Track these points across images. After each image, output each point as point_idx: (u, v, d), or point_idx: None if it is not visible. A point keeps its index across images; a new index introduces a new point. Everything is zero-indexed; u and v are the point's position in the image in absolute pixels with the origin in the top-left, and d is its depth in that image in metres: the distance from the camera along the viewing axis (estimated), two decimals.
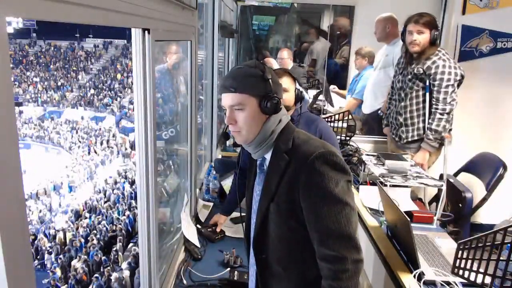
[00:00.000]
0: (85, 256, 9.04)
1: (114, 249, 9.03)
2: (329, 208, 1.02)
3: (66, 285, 8.35)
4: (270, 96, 1.09)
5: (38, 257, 9.75)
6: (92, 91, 25.36)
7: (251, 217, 1.23)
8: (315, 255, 1.06)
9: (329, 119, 2.93)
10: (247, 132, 1.11)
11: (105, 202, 12.47)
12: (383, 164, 2.24)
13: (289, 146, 1.10)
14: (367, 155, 2.49)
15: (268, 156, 1.15)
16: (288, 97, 1.89)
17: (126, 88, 24.67)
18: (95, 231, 10.22)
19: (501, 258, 1.25)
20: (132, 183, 13.28)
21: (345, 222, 1.02)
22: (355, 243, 1.02)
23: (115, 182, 14.20)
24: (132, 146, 17.46)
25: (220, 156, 3.11)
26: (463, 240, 1.40)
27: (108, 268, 8.20)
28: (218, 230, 2.01)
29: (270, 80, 1.10)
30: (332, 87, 3.96)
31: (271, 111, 1.10)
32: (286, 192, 1.08)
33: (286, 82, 1.89)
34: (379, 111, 3.31)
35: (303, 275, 1.13)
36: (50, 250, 9.91)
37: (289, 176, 1.07)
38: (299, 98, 1.96)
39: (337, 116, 2.90)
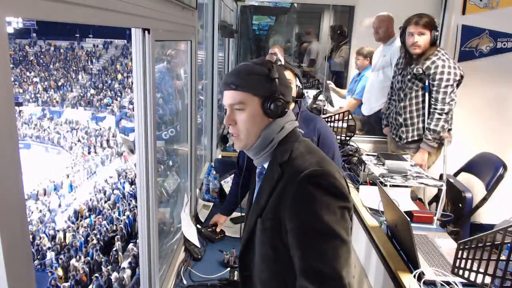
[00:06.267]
0: (85, 257, 9.05)
1: (114, 249, 9.03)
2: (314, 239, 0.89)
3: (66, 283, 8.34)
4: (275, 97, 0.98)
5: (38, 257, 9.75)
6: (92, 91, 25.36)
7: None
8: None
9: (329, 119, 2.92)
10: (246, 136, 1.02)
11: (105, 202, 12.48)
12: (383, 164, 2.24)
13: (285, 158, 0.99)
14: (367, 155, 2.49)
15: (267, 166, 1.06)
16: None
17: (126, 88, 24.68)
18: (95, 231, 10.22)
19: (501, 258, 1.25)
20: (132, 183, 13.29)
21: (332, 257, 0.87)
22: (340, 282, 0.86)
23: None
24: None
25: (220, 156, 3.11)
26: (463, 240, 1.40)
27: (108, 268, 8.21)
28: (218, 230, 2.01)
29: (276, 80, 1.00)
30: (328, 82, 3.95)
31: (275, 114, 1.00)
32: (273, 209, 0.98)
33: (287, 75, 1.90)
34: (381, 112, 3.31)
35: None
36: (51, 249, 9.92)
37: (278, 192, 0.97)
38: (299, 94, 1.97)
39: (337, 116, 2.89)
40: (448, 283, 1.42)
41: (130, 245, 9.03)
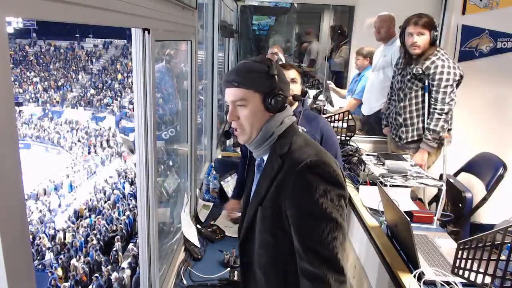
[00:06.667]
0: (85, 257, 9.04)
1: (114, 249, 9.03)
2: (313, 223, 0.96)
3: (66, 283, 8.34)
4: (275, 93, 1.05)
5: (38, 257, 9.74)
6: (92, 91, 25.36)
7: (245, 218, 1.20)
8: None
9: (329, 119, 2.92)
10: (249, 130, 1.07)
11: (105, 202, 12.48)
12: (383, 164, 2.24)
13: (285, 150, 1.05)
14: (367, 155, 2.49)
15: (266, 158, 1.12)
16: (296, 88, 1.95)
17: (126, 88, 24.67)
18: (95, 231, 10.22)
19: (501, 258, 1.25)
20: (132, 183, 13.29)
21: (329, 240, 0.95)
22: (337, 264, 0.95)
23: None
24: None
25: (220, 156, 3.11)
26: (463, 240, 1.40)
27: (108, 268, 8.21)
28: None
29: (275, 77, 1.06)
30: (328, 82, 3.96)
31: (275, 109, 1.06)
32: (273, 197, 1.04)
33: (293, 73, 1.96)
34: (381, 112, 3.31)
35: (283, 286, 1.09)
36: (51, 249, 9.91)
37: (278, 182, 1.03)
38: (303, 92, 1.99)
39: (337, 116, 2.89)
40: (448, 283, 1.42)
41: (130, 245, 9.03)
